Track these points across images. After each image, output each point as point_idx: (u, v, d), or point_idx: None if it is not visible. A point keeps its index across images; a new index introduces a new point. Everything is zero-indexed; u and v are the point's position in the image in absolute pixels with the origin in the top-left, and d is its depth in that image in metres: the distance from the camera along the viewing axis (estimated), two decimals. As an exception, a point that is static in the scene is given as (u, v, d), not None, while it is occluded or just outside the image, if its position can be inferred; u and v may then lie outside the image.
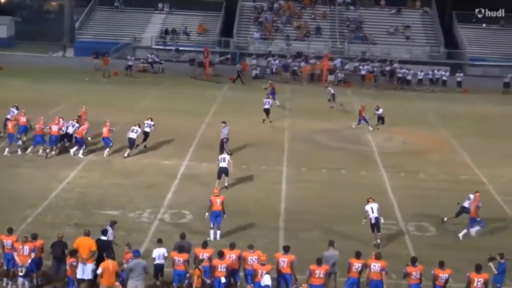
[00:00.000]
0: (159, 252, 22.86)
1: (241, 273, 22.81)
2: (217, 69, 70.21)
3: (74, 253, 22.26)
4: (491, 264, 22.48)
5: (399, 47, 78.13)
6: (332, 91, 54.19)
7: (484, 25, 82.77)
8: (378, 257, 22.29)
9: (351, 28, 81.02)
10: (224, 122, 39.20)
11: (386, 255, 23.28)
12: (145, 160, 37.79)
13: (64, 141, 38.06)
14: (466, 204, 29.34)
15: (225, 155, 34.20)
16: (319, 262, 22.02)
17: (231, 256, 22.60)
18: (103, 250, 22.47)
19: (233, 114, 48.09)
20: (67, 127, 38.22)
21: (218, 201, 27.36)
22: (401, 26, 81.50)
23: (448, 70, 69.90)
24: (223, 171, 33.27)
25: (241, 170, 36.44)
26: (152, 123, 39.56)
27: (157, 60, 70.95)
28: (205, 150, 39.82)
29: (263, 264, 22.06)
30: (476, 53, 78.54)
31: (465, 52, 78.62)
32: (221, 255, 22.31)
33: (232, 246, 23.00)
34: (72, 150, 37.65)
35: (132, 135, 37.86)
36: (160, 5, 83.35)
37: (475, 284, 21.59)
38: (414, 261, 22.31)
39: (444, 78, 67.38)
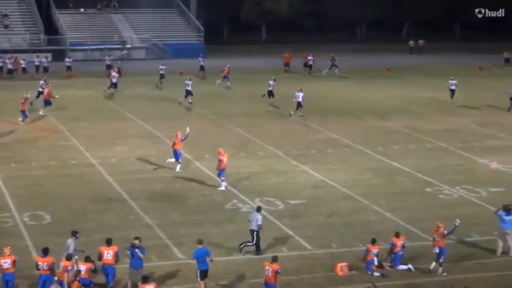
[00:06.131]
0: None
1: None
2: None
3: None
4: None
5: (-1, 36, 76.44)
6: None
7: (82, 9, 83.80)
8: (68, 258, 22.18)
9: None
10: None
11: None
12: None
13: None
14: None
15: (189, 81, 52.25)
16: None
17: None
18: None
19: None
20: None
21: None
22: (-2, 15, 79.64)
23: (49, 57, 69.72)
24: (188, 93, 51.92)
25: None
26: None
27: None
28: None
29: None
30: (76, 38, 79.30)
31: (65, 37, 78.97)
32: None
33: None
34: None
35: None
36: None
37: (105, 256, 22.83)
38: (45, 252, 22.57)
39: (46, 64, 67.02)
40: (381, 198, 32.70)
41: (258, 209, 26.88)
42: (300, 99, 49.03)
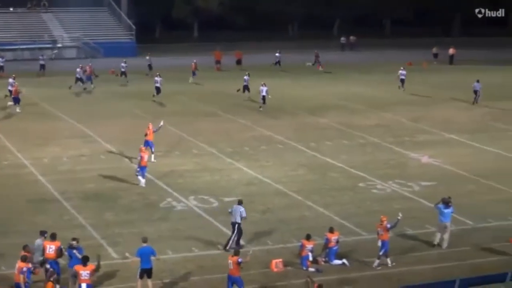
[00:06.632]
0: None
1: None
2: None
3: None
4: None
5: None
6: None
7: (11, 8, 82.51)
8: (23, 259, 21.81)
9: None
10: None
11: None
12: None
13: None
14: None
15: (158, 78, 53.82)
16: None
17: None
18: None
19: None
20: None
21: None
22: None
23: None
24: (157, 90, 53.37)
25: None
26: None
27: None
28: None
29: None
30: (5, 37, 78.08)
31: (-5, 36, 77.82)
32: None
33: None
34: None
35: None
36: None
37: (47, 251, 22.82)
38: None
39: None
40: (314, 194, 32.93)
41: (240, 202, 26.96)
42: (264, 93, 50.52)
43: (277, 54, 71.87)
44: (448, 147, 41.96)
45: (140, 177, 33.60)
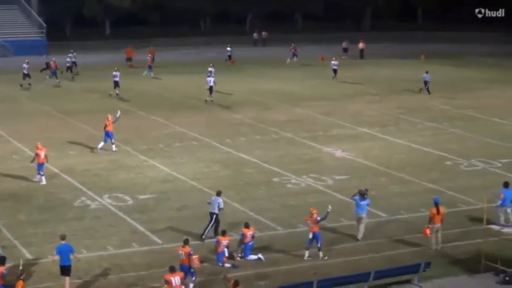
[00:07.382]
0: None
1: None
2: None
3: None
4: None
5: None
6: None
7: None
8: None
9: None
10: None
11: None
12: None
13: None
14: None
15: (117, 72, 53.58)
16: None
17: None
18: None
19: None
20: None
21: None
22: None
23: None
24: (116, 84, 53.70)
25: None
26: None
27: None
28: None
29: None
30: None
31: None
32: None
33: None
34: None
35: None
36: None
37: None
38: None
39: None
40: (229, 190, 32.97)
41: (218, 194, 27.66)
42: (212, 84, 52.21)
43: (228, 49, 73.46)
44: (360, 140, 42.59)
45: (39, 175, 33.45)
